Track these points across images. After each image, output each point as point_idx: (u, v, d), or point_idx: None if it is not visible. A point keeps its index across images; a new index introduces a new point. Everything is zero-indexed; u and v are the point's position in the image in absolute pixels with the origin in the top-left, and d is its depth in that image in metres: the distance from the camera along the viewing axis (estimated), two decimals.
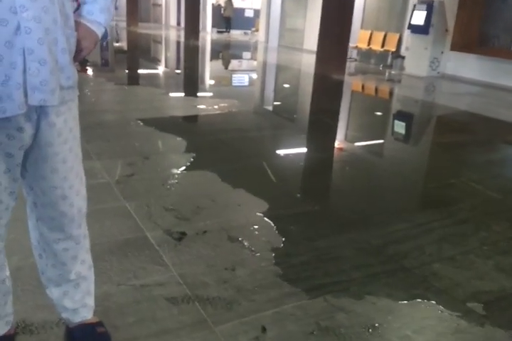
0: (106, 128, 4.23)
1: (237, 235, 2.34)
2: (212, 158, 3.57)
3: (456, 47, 8.89)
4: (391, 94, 8.08)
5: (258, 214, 2.61)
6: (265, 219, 2.55)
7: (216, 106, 5.39)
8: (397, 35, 10.97)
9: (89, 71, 8.19)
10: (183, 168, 3.29)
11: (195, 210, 2.60)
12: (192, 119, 4.82)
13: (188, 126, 4.60)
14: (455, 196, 3.12)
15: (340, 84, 8.26)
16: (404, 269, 2.14)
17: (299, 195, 3.04)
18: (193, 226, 2.40)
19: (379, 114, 6.34)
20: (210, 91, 7.08)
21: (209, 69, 10.61)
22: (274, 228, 2.44)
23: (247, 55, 14.56)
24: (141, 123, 4.42)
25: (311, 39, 13.75)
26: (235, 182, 3.06)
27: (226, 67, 11.18)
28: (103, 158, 3.36)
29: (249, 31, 21.02)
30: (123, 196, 2.73)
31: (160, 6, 24.94)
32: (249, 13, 21.24)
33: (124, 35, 18.82)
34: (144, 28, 20.32)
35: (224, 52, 14.79)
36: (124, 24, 20.34)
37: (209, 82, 8.32)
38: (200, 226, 2.42)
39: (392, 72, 10.39)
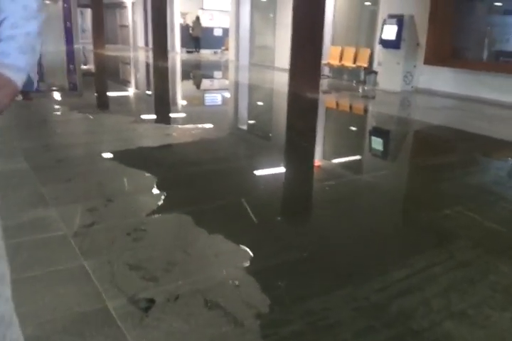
0: (67, 165, 3.85)
1: (215, 298, 1.99)
2: (186, 197, 3.23)
3: (429, 61, 8.82)
4: (366, 111, 7.91)
5: (239, 266, 2.28)
6: (247, 273, 2.22)
7: (189, 133, 5.08)
8: (369, 51, 10.89)
9: (56, 96, 7.83)
10: (152, 211, 2.94)
11: (166, 267, 2.25)
12: (163, 150, 4.48)
13: (158, 158, 4.25)
14: (453, 231, 2.84)
15: (315, 103, 8.05)
16: (413, 333, 1.83)
17: (284, 238, 2.72)
18: (163, 290, 2.05)
19: (356, 133, 6.12)
20: (182, 114, 6.77)
21: (180, 90, 10.31)
22: (258, 285, 2.11)
23: (218, 74, 14.36)
24: (107, 158, 4.06)
25: (281, 57, 13.63)
26: (211, 226, 2.73)
27: (198, 88, 10.92)
28: (61, 204, 2.98)
29: (218, 50, 20.88)
30: (81, 252, 2.36)
31: (127, 27, 24.67)
32: (218, 32, 21.13)
33: (91, 57, 18.45)
34: (111, 50, 20.00)
35: (194, 72, 14.54)
36: (91, 46, 19.97)
37: (181, 103, 8.01)
38: (171, 288, 2.06)
39: (366, 87, 10.27)
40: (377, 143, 5.66)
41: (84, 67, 16.16)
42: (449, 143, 5.34)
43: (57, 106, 6.78)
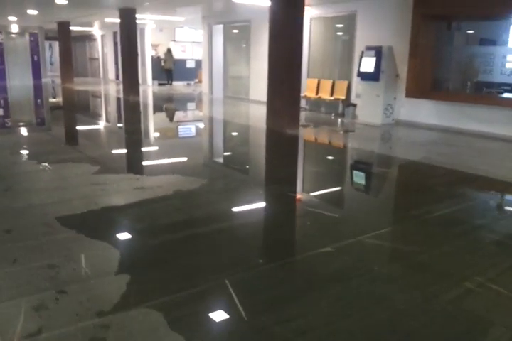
0: (14, 239, 3.23)
1: None
2: (157, 281, 2.65)
3: (410, 94, 8.55)
4: (347, 148, 7.46)
5: None
6: None
7: (160, 185, 4.51)
8: (346, 83, 10.63)
9: (20, 133, 7.21)
10: (114, 306, 2.34)
11: None
12: (131, 211, 3.89)
13: (123, 222, 3.66)
14: (483, 315, 2.33)
15: (294, 140, 7.61)
16: None
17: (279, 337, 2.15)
18: None
19: (336, 176, 5.67)
20: (154, 160, 6.21)
21: (151, 127, 9.76)
22: None
23: (191, 108, 13.91)
24: (64, 225, 3.45)
25: (256, 89, 13.31)
26: (188, 327, 2.15)
27: (170, 123, 10.38)
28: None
29: (192, 82, 20.55)
30: None
31: (97, 59, 24.21)
32: (190, 64, 20.82)
33: (59, 91, 17.84)
34: (80, 83, 19.44)
35: (166, 105, 14.05)
36: (59, 78, 19.40)
37: (151, 144, 7.45)
38: None
39: (345, 120, 9.94)
40: (362, 188, 5.20)
41: (52, 101, 15.55)
42: (443, 185, 4.90)
43: (17, 149, 6.14)
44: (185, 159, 6.08)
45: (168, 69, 19.95)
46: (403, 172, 5.86)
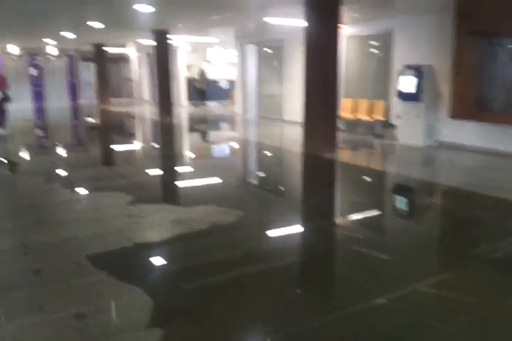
0: (42, 281, 3.05)
1: None
2: (195, 338, 2.40)
3: (455, 115, 8.13)
4: (389, 173, 7.11)
5: None
6: None
7: (196, 217, 4.30)
8: (384, 103, 10.30)
9: (57, 154, 7.20)
10: None
11: None
12: (164, 249, 3.68)
13: (157, 263, 3.44)
14: None
15: (332, 165, 7.31)
16: None
17: None
18: None
19: (378, 205, 5.32)
20: (187, 184, 6.01)
21: (186, 150, 9.65)
22: None
23: (225, 130, 13.79)
24: (93, 265, 3.26)
25: (290, 109, 13.12)
26: None
27: (203, 145, 10.25)
28: None
29: (225, 102, 20.57)
30: None
31: (132, 80, 24.60)
32: (223, 84, 20.87)
33: (96, 112, 18.13)
34: (116, 104, 19.72)
35: (200, 127, 14.00)
36: (96, 100, 19.76)
37: (186, 169, 7.29)
38: None
39: (384, 142, 9.58)
40: (408, 222, 4.84)
41: (89, 121, 15.79)
42: (499, 218, 4.50)
43: (52, 174, 6.07)
44: (219, 185, 5.87)
45: (201, 90, 20.04)
46: (451, 201, 5.47)
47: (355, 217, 4.76)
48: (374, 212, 4.98)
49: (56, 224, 4.14)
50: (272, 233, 4.10)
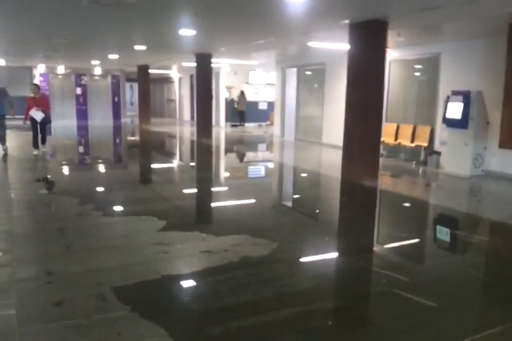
0: (62, 315, 2.88)
1: None
2: None
3: (505, 144, 7.68)
4: (434, 205, 6.68)
5: None
6: None
7: (227, 248, 4.08)
8: (429, 129, 9.90)
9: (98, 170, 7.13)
10: None
11: None
12: (192, 283, 3.46)
13: (183, 299, 3.23)
14: None
15: (373, 194, 6.97)
16: None
17: None
18: None
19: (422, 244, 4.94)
20: (221, 209, 5.82)
21: (221, 173, 9.51)
22: None
23: (262, 152, 13.65)
24: (117, 299, 3.07)
25: (329, 132, 12.86)
26: None
27: (240, 168, 10.09)
28: None
29: (263, 124, 20.54)
30: None
31: (174, 101, 25.01)
32: (262, 106, 20.90)
33: (137, 131, 18.43)
34: (157, 124, 19.98)
35: (237, 149, 13.92)
36: (137, 118, 20.13)
37: (221, 194, 7.12)
38: None
39: (428, 170, 9.16)
40: (457, 264, 4.45)
41: (130, 140, 16.04)
42: None
43: (87, 195, 6.02)
44: (255, 211, 5.65)
45: (241, 111, 20.11)
46: (501, 239, 5.02)
47: (397, 254, 4.41)
48: (417, 249, 4.62)
49: (84, 252, 4.00)
50: (306, 270, 3.82)
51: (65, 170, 8.87)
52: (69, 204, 5.70)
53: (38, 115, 10.08)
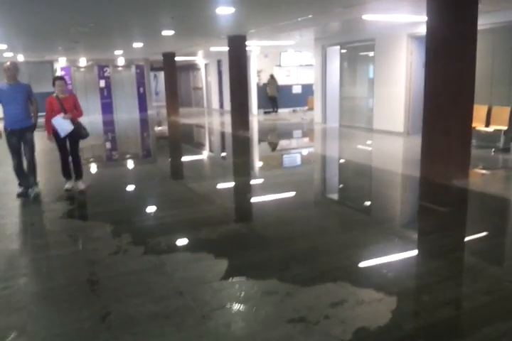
0: None
1: None
2: None
3: None
4: None
5: None
6: None
7: (327, 312, 2.86)
8: (508, 109, 8.39)
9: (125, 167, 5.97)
10: None
11: None
12: None
13: None
14: None
15: (476, 199, 5.61)
16: None
17: None
18: None
19: None
20: (299, 245, 4.58)
21: (261, 177, 8.24)
22: None
23: (301, 142, 12.29)
24: None
25: (382, 117, 11.42)
26: None
27: (274, 170, 8.81)
28: None
29: (297, 109, 19.08)
30: None
31: (201, 89, 23.75)
32: (296, 90, 19.38)
33: (164, 123, 17.35)
34: (185, 114, 18.82)
35: (276, 142, 12.63)
36: (165, 110, 18.98)
37: (268, 208, 5.87)
38: None
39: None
40: None
41: (157, 132, 14.99)
42: None
43: (119, 219, 4.89)
44: (341, 240, 4.39)
45: (272, 97, 18.69)
46: None
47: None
48: None
49: (127, 326, 2.82)
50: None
51: (94, 171, 7.73)
52: (101, 234, 4.55)
53: (65, 126, 5.94)
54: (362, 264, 3.67)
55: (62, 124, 5.95)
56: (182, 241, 4.37)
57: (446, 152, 6.08)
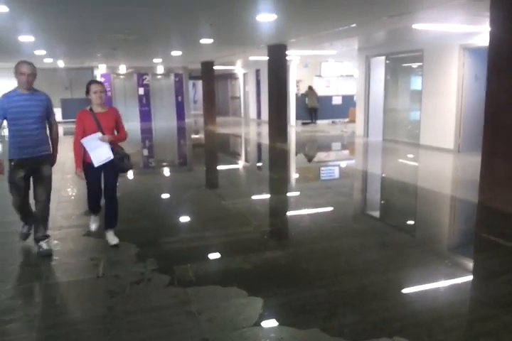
0: None
1: None
2: None
3: None
4: None
5: None
6: None
7: None
8: None
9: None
10: None
11: None
12: None
13: None
14: None
15: None
16: None
17: None
18: None
19: None
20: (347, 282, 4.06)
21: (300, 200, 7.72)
22: None
23: (345, 160, 11.69)
24: None
25: (430, 132, 10.73)
26: None
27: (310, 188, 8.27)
28: None
29: (337, 120, 18.48)
30: None
31: (238, 98, 23.48)
32: (336, 101, 18.80)
33: (201, 132, 17.11)
34: (222, 124, 18.55)
35: (315, 156, 12.10)
36: (202, 119, 18.77)
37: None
38: None
39: None
40: None
41: (194, 140, 14.74)
42: None
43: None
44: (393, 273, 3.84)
45: (312, 108, 18.18)
46: None
47: None
48: None
49: None
50: None
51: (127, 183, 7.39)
52: (125, 257, 4.16)
53: (101, 152, 4.15)
54: (419, 312, 3.11)
55: (98, 149, 4.09)
56: (212, 271, 3.91)
57: (509, 177, 5.42)
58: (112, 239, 4.44)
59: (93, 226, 4.71)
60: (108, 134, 4.15)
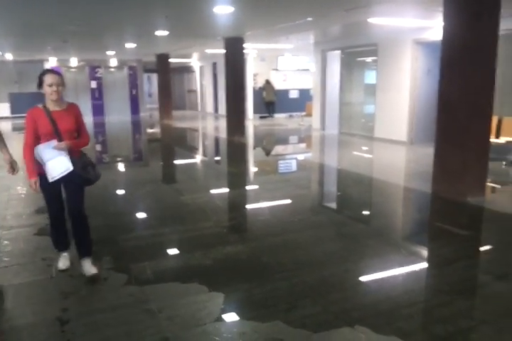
0: None
1: None
2: None
3: None
4: None
5: None
6: None
7: None
8: None
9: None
10: None
11: None
12: None
13: None
14: None
15: (496, 220, 5.12)
16: None
17: None
18: None
19: None
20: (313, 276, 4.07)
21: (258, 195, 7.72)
22: None
23: (304, 153, 11.77)
24: None
25: (384, 125, 10.96)
26: None
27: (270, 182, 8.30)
28: None
29: (294, 114, 18.59)
30: None
31: (195, 92, 23.21)
32: (293, 95, 18.91)
33: (157, 126, 16.80)
34: (179, 118, 18.28)
35: (274, 150, 12.12)
36: (157, 113, 18.40)
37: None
38: None
39: None
40: None
41: (149, 134, 14.44)
42: None
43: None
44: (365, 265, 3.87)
45: (269, 102, 18.21)
46: None
47: None
48: None
49: None
50: None
51: None
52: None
53: (58, 163, 3.30)
54: (379, 301, 3.16)
55: (54, 160, 3.28)
56: (171, 268, 3.83)
57: (461, 167, 5.60)
58: (89, 269, 3.49)
59: (62, 263, 3.66)
60: (67, 138, 3.30)
